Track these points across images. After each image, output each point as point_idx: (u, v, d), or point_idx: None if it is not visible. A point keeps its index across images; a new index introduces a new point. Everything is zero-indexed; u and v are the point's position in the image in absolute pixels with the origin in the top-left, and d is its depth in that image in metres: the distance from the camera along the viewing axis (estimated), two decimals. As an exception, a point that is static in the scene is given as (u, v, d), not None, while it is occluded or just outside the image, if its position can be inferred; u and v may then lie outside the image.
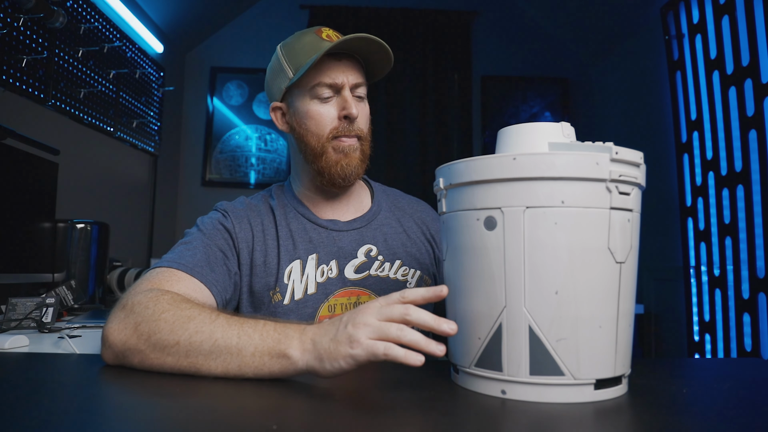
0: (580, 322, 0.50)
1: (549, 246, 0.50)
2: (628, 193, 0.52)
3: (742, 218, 1.97)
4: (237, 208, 0.91)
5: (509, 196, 0.51)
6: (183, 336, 0.60)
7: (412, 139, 3.38)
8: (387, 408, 0.51)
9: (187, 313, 0.62)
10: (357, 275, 0.89)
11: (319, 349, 0.55)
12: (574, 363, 0.50)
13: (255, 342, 0.58)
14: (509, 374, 0.51)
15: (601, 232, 0.51)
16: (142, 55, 2.73)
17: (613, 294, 0.52)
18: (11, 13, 1.69)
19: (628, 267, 0.53)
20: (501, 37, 3.52)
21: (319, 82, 0.85)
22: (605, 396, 0.52)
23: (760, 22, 1.87)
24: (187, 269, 0.76)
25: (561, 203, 0.50)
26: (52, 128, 1.99)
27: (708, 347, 2.20)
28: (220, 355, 0.58)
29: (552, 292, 0.50)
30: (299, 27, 3.42)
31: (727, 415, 0.50)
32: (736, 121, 1.99)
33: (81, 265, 1.62)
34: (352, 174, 0.88)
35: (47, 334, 1.04)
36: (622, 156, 0.51)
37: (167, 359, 0.61)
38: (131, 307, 0.66)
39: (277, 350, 0.57)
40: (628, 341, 0.54)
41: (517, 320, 0.51)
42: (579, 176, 0.50)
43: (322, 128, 0.86)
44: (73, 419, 0.46)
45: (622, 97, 3.08)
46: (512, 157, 0.51)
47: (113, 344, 0.64)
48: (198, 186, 3.38)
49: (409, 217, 0.99)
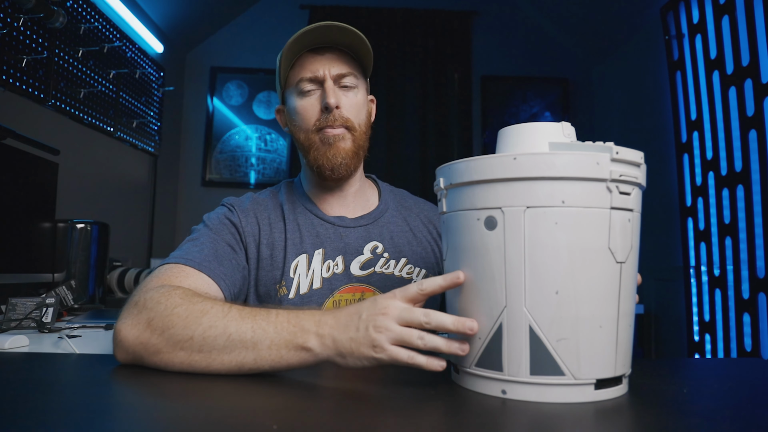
0: (580, 322, 0.50)
1: (549, 246, 0.50)
2: (629, 193, 0.52)
3: (742, 218, 1.97)
4: (243, 202, 0.92)
5: (510, 196, 0.51)
6: (197, 331, 0.60)
7: (412, 139, 3.38)
8: (387, 408, 0.51)
9: (199, 308, 0.62)
10: (362, 272, 0.89)
11: (340, 347, 0.55)
12: (575, 363, 0.50)
13: (270, 335, 0.58)
14: (510, 374, 0.51)
15: (601, 232, 0.51)
16: (142, 55, 2.73)
17: (613, 294, 0.52)
18: (11, 13, 1.69)
19: (628, 267, 0.53)
20: (501, 37, 3.52)
21: (301, 78, 0.87)
22: (606, 396, 0.52)
23: (760, 22, 1.87)
24: (194, 264, 0.76)
25: (561, 203, 0.50)
26: (52, 128, 1.99)
27: (708, 347, 2.20)
28: (234, 350, 0.58)
29: (552, 291, 0.50)
30: (299, 27, 3.40)
31: (727, 415, 0.50)
32: (736, 121, 2.00)
33: (81, 265, 1.62)
34: (341, 165, 0.87)
35: (47, 334, 1.04)
36: (622, 156, 0.51)
37: (179, 354, 0.60)
38: (143, 303, 0.65)
39: (295, 343, 0.57)
40: (628, 341, 0.54)
41: (517, 320, 0.51)
42: (579, 176, 0.50)
43: (306, 122, 0.88)
44: (73, 419, 0.46)
45: (622, 97, 3.08)
46: (513, 156, 0.51)
47: (125, 341, 0.63)
48: (198, 186, 3.38)
49: (415, 216, 0.99)
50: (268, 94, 3.43)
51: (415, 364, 0.53)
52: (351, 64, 0.90)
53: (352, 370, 0.57)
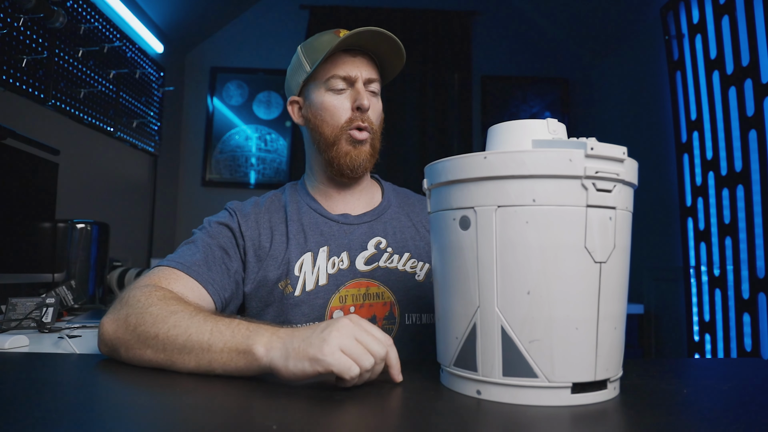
0: (554, 323, 0.49)
1: (520, 245, 0.49)
2: (609, 190, 0.50)
3: (742, 218, 1.97)
4: (245, 207, 0.94)
5: (481, 196, 0.51)
6: (162, 329, 0.62)
7: (412, 139, 3.38)
8: (387, 407, 0.51)
9: (171, 308, 0.65)
10: (367, 267, 0.91)
11: (288, 347, 0.55)
12: (548, 365, 0.49)
13: (225, 338, 0.59)
14: (483, 374, 0.51)
15: (576, 231, 0.49)
16: (142, 55, 2.73)
17: (591, 295, 0.50)
18: (11, 13, 1.69)
19: (611, 267, 0.51)
20: (501, 37, 3.52)
21: (333, 75, 0.90)
22: (585, 401, 0.50)
23: (760, 22, 1.87)
24: (184, 268, 0.79)
25: (532, 201, 0.49)
26: (52, 128, 1.99)
27: (708, 347, 2.20)
28: (192, 351, 0.60)
29: (524, 292, 0.49)
30: (299, 27, 3.42)
31: (727, 415, 0.49)
32: (736, 121, 1.99)
33: (81, 265, 1.62)
34: (361, 166, 0.91)
35: (47, 334, 1.04)
36: (599, 151, 0.49)
37: (147, 352, 0.63)
38: (126, 300, 0.69)
39: (244, 346, 0.58)
40: (613, 344, 0.52)
41: (489, 320, 0.50)
42: (551, 174, 0.49)
43: (336, 119, 0.91)
44: (73, 419, 0.46)
45: (622, 97, 3.08)
46: (483, 156, 0.51)
47: (105, 334, 0.67)
48: (198, 186, 3.38)
49: (418, 212, 1.01)
50: (268, 94, 3.43)
51: (354, 382, 0.54)
52: (377, 71, 0.95)
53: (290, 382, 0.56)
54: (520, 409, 0.48)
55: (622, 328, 0.53)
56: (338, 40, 0.87)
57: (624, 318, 0.54)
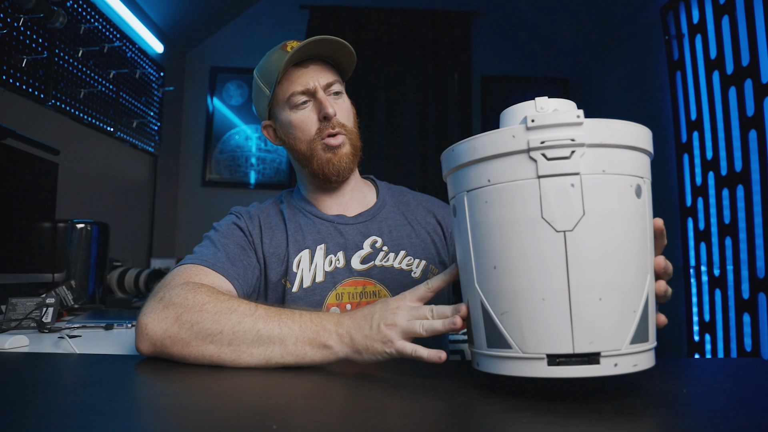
0: (518, 294, 0.50)
1: (483, 224, 0.53)
2: (566, 157, 0.49)
3: (742, 218, 1.97)
4: (249, 210, 0.98)
5: (458, 184, 0.56)
6: (227, 326, 0.65)
7: (412, 139, 3.38)
8: (388, 408, 0.51)
9: (227, 305, 0.67)
10: (363, 266, 0.92)
11: (356, 344, 0.62)
12: (519, 336, 0.50)
13: (296, 332, 0.64)
14: (477, 347, 0.56)
15: (530, 204, 0.49)
16: (142, 55, 2.73)
17: (556, 264, 0.49)
18: (11, 13, 1.69)
19: (581, 235, 0.49)
20: (501, 37, 3.52)
21: (292, 93, 0.91)
22: (565, 374, 0.48)
23: (760, 22, 1.87)
24: (210, 265, 0.81)
25: (488, 182, 0.52)
26: (52, 128, 1.99)
27: (708, 347, 2.20)
28: (262, 344, 0.63)
29: (491, 267, 0.52)
30: (299, 27, 3.43)
31: (727, 415, 0.49)
32: (736, 121, 2.00)
33: (81, 265, 1.62)
34: (345, 168, 0.93)
35: (47, 334, 1.04)
36: (541, 121, 0.49)
37: (209, 347, 0.65)
38: (169, 299, 0.70)
39: (318, 341, 0.63)
40: (599, 315, 0.49)
41: (474, 297, 0.55)
42: (498, 153, 0.51)
43: (306, 133, 0.93)
44: (73, 419, 0.46)
45: (622, 97, 3.08)
46: (451, 149, 0.56)
47: (152, 334, 0.67)
48: (198, 186, 3.38)
49: (413, 210, 1.03)
50: (268, 94, 3.43)
51: (418, 357, 0.59)
52: (333, 71, 0.95)
53: (368, 366, 0.63)
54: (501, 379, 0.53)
55: (617, 298, 0.50)
56: (287, 56, 0.88)
57: (625, 288, 0.50)
